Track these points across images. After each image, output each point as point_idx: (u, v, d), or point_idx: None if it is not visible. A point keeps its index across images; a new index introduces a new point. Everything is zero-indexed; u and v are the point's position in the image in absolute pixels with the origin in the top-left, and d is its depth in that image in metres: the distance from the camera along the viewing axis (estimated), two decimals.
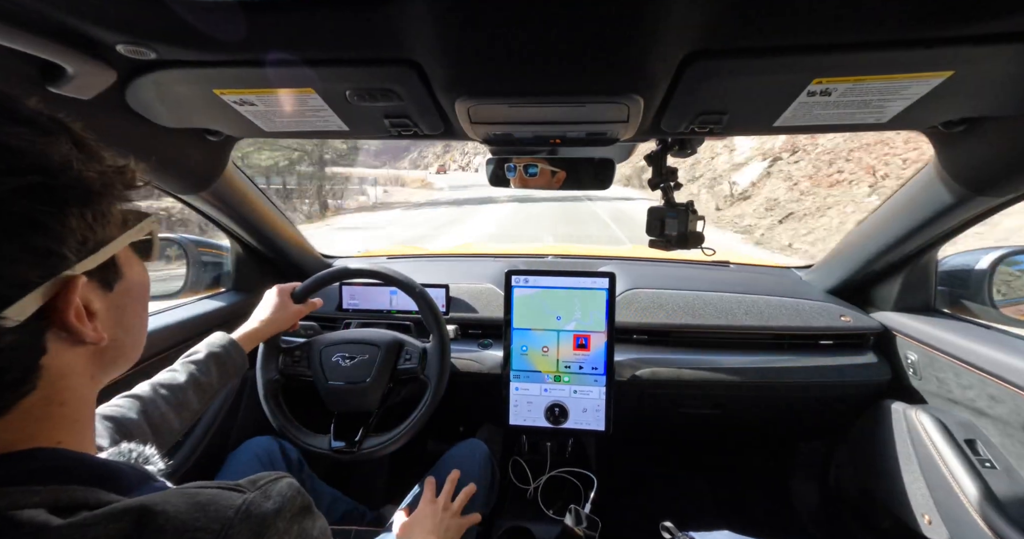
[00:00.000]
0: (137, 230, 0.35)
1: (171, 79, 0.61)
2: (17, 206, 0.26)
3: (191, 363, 0.72)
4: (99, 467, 0.31)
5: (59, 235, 0.28)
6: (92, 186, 0.30)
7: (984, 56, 0.48)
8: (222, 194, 1.03)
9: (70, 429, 0.32)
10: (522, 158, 0.96)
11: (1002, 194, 0.79)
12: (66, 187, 0.28)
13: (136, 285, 0.37)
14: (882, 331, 1.13)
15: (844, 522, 1.27)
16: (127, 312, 0.36)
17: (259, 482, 0.31)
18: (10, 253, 0.26)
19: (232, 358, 0.77)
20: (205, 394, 0.72)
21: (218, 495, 0.29)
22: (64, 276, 0.29)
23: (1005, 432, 0.86)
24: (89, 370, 0.33)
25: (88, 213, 0.30)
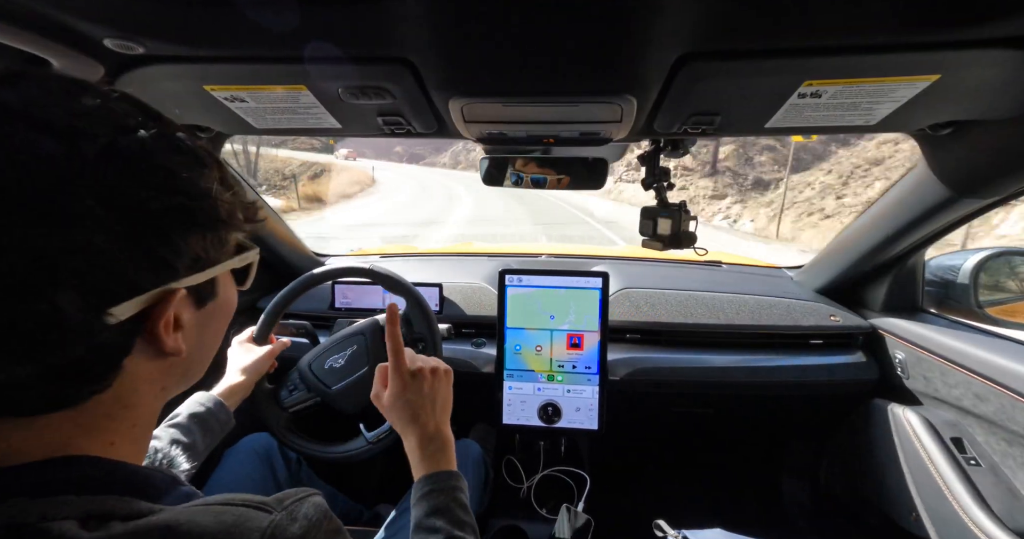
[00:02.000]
0: (241, 258, 0.37)
1: (160, 74, 0.60)
2: (156, 219, 0.29)
3: (172, 427, 0.70)
4: (132, 475, 0.31)
5: (179, 250, 0.31)
6: (221, 215, 0.33)
7: (970, 61, 0.49)
8: None
9: (128, 433, 0.33)
10: (516, 160, 0.96)
11: (987, 196, 0.80)
12: (200, 212, 0.31)
13: (224, 306, 0.39)
14: (871, 331, 1.14)
15: (833, 519, 1.29)
16: (209, 330, 0.38)
17: (286, 501, 0.31)
18: (135, 258, 0.28)
19: (215, 416, 0.75)
20: (189, 456, 0.68)
21: (244, 515, 0.29)
22: (168, 288, 0.31)
23: (990, 430, 0.88)
24: (161, 380, 0.35)
25: (209, 236, 0.33)
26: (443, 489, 0.55)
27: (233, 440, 0.96)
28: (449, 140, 0.87)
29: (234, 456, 0.92)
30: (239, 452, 0.92)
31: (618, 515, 1.33)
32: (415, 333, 0.94)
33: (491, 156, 0.98)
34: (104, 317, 0.27)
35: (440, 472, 0.57)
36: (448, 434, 0.61)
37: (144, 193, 0.28)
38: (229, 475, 0.88)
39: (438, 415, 0.61)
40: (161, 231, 0.29)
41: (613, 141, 0.84)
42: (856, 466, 1.18)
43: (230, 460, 0.91)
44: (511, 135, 0.81)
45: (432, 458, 0.58)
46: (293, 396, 0.92)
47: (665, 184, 0.95)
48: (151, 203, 0.28)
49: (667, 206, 0.95)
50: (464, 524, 0.53)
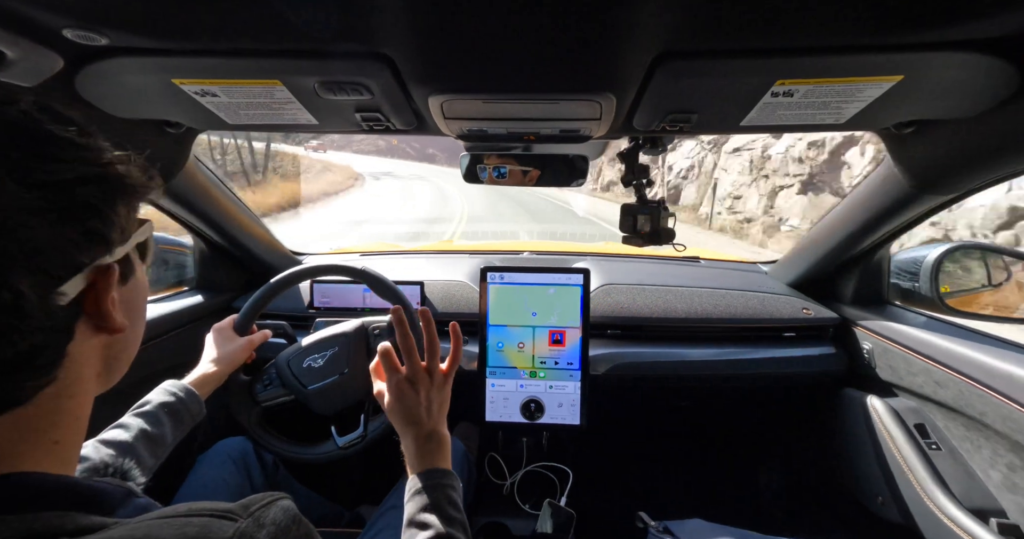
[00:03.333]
0: (142, 232, 0.37)
1: (125, 67, 0.57)
2: (83, 192, 0.29)
3: (140, 415, 0.67)
4: (79, 488, 0.30)
5: (110, 221, 0.31)
6: (132, 180, 0.33)
7: (931, 62, 0.51)
8: (183, 189, 0.98)
9: (71, 426, 0.32)
10: (491, 157, 0.96)
11: (947, 192, 0.84)
12: (115, 179, 0.31)
13: (141, 283, 0.38)
14: (840, 323, 1.18)
15: (807, 507, 1.33)
16: (135, 309, 0.37)
17: (252, 507, 0.30)
18: (70, 235, 0.28)
19: (187, 406, 0.72)
20: (158, 447, 0.66)
21: (208, 526, 0.27)
22: (104, 262, 0.31)
23: (949, 416, 0.93)
24: (97, 366, 0.34)
25: (127, 206, 0.33)
26: (435, 486, 0.55)
27: (207, 445, 0.94)
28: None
29: (208, 462, 0.89)
30: (213, 457, 0.89)
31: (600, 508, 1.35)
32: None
33: (472, 153, 0.97)
34: (56, 297, 0.27)
35: (434, 470, 0.57)
36: (444, 434, 0.62)
37: (52, 165, 0.28)
38: (202, 481, 0.85)
39: (435, 416, 0.62)
40: (87, 203, 0.29)
41: (593, 138, 0.85)
42: (827, 454, 1.22)
43: (204, 466, 0.88)
44: (492, 132, 0.81)
45: (427, 456, 0.58)
46: (268, 391, 0.90)
47: (644, 181, 0.96)
48: (64, 174, 0.28)
49: (646, 203, 0.97)
50: (454, 520, 0.53)
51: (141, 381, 0.99)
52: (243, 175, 16.21)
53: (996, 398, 0.79)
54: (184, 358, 1.09)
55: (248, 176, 16.22)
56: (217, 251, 1.23)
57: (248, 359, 0.89)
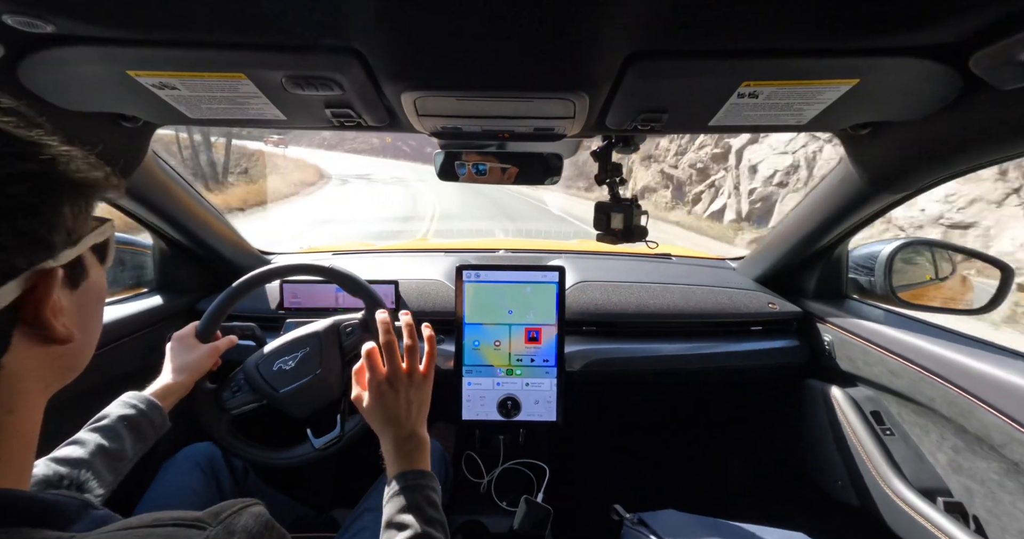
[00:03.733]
0: (99, 232, 0.34)
1: (75, 57, 0.54)
2: (14, 190, 0.26)
3: (97, 430, 0.63)
4: (31, 502, 0.28)
5: (51, 223, 0.28)
6: (82, 180, 0.30)
7: (884, 67, 0.54)
8: (141, 186, 0.93)
9: (14, 443, 0.29)
10: (471, 155, 0.95)
11: (899, 191, 0.89)
12: (61, 177, 0.29)
13: (97, 286, 0.35)
14: (803, 316, 1.24)
15: (773, 494, 1.39)
16: (89, 315, 0.35)
17: (222, 514, 0.29)
18: (6, 238, 0.26)
19: (148, 418, 0.68)
20: (118, 463, 0.63)
21: (174, 535, 0.26)
22: (46, 266, 0.28)
23: (902, 403, 0.98)
24: (44, 375, 0.31)
25: (75, 206, 0.30)
26: (415, 487, 0.55)
27: (171, 451, 0.90)
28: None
29: (173, 469, 0.84)
30: (178, 464, 0.85)
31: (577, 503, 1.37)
32: (373, 332, 0.92)
33: (446, 150, 0.96)
34: None
35: (413, 471, 0.57)
36: (424, 435, 0.62)
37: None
38: (167, 490, 0.81)
39: (414, 417, 0.62)
40: (25, 203, 0.27)
41: (567, 137, 0.85)
42: (792, 443, 1.28)
43: (168, 473, 0.84)
44: (466, 130, 0.80)
45: (406, 458, 0.58)
46: (237, 397, 0.87)
47: (617, 179, 0.98)
48: (7, 175, 0.26)
49: (620, 201, 0.98)
50: (434, 521, 0.53)
51: (97, 388, 0.94)
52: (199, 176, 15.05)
53: (943, 385, 0.84)
54: (143, 363, 1.05)
55: (206, 178, 15.10)
56: (179, 251, 1.18)
57: (214, 366, 0.85)
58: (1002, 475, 0.76)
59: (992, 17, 0.45)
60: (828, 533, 1.11)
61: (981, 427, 0.77)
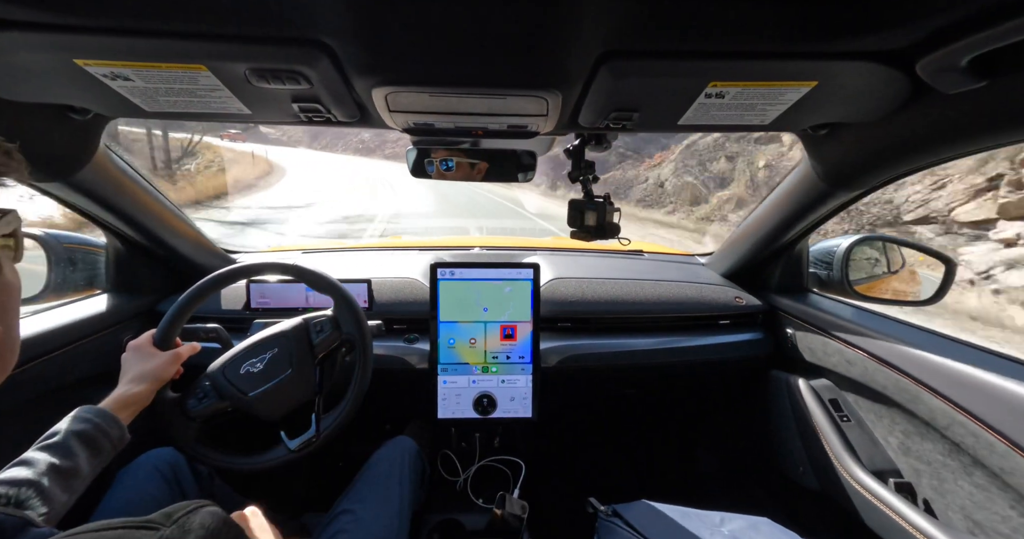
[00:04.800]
0: (5, 223, 0.32)
1: (17, 44, 0.51)
2: None
3: (47, 449, 0.59)
4: None
5: None
6: None
7: (841, 70, 0.57)
8: (92, 182, 0.88)
9: None
10: (439, 152, 0.94)
11: (856, 189, 0.93)
12: None
13: (10, 283, 0.34)
14: (768, 310, 1.29)
15: (741, 482, 1.44)
16: (6, 311, 0.33)
17: (175, 515, 0.28)
18: None
19: (105, 432, 0.65)
20: (72, 480, 0.59)
21: (124, 537, 0.25)
22: None
23: (857, 390, 1.04)
24: None
25: None
26: None
27: (128, 458, 0.85)
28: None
29: (131, 476, 0.79)
30: (137, 471, 0.80)
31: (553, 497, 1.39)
32: (344, 334, 0.90)
33: (419, 147, 0.95)
34: None
35: None
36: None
37: None
38: (125, 499, 0.76)
39: None
40: None
41: (540, 134, 0.86)
42: (757, 432, 1.33)
43: (126, 480, 0.79)
44: (439, 126, 0.79)
45: None
46: (203, 404, 0.83)
47: (591, 177, 0.99)
48: None
49: (593, 199, 1.00)
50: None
51: (49, 396, 0.89)
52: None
53: (893, 373, 0.89)
54: (98, 369, 0.99)
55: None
56: (135, 250, 1.12)
57: (176, 374, 0.82)
58: (946, 456, 0.81)
59: (936, 24, 0.48)
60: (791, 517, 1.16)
61: (927, 411, 0.82)
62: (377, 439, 1.07)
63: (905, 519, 0.79)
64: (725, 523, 0.84)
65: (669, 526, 0.84)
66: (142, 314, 1.14)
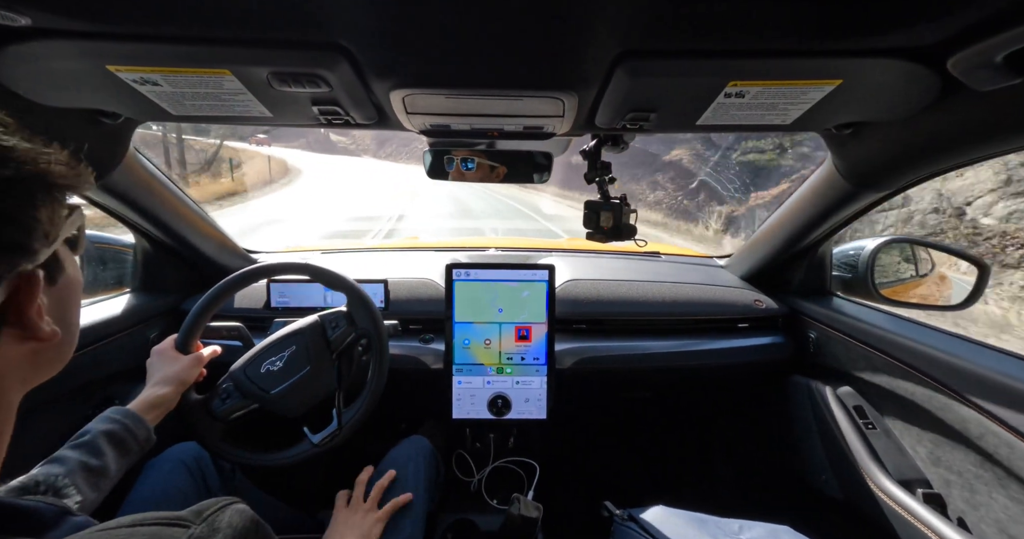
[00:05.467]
0: (71, 223, 0.33)
1: (53, 51, 0.53)
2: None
3: (78, 447, 0.61)
4: (4, 508, 0.27)
5: (29, 228, 0.28)
6: (54, 179, 0.30)
7: (866, 68, 0.55)
8: (122, 184, 0.91)
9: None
10: (456, 153, 0.95)
11: (882, 189, 0.90)
12: (33, 179, 0.28)
13: (74, 279, 0.35)
14: (788, 313, 1.26)
15: (759, 489, 1.41)
16: (68, 308, 0.35)
17: (205, 512, 0.28)
18: None
19: (132, 432, 0.66)
20: (100, 480, 0.61)
21: (157, 535, 0.26)
22: (26, 269, 0.28)
23: (883, 397, 1.00)
24: (23, 372, 0.31)
25: (49, 207, 0.30)
26: None
27: (156, 450, 0.88)
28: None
29: (157, 469, 0.82)
30: (163, 464, 0.83)
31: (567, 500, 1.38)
32: (358, 328, 0.91)
33: (435, 149, 0.96)
34: None
35: None
36: None
37: None
38: (152, 491, 0.79)
39: None
40: (4, 214, 0.27)
41: (556, 135, 0.85)
42: (777, 438, 1.30)
43: (153, 473, 0.82)
44: (456, 128, 0.80)
45: None
46: (227, 405, 0.85)
47: (607, 178, 0.98)
48: None
49: (609, 200, 0.99)
50: None
51: (80, 390, 0.92)
52: None
53: (923, 379, 0.86)
54: (126, 364, 1.02)
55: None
56: (162, 250, 1.16)
57: (199, 377, 0.83)
58: (979, 466, 0.78)
59: (969, 20, 0.46)
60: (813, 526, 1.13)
61: (959, 420, 0.79)
62: (392, 438, 1.08)
63: (935, 531, 0.76)
64: (744, 531, 0.82)
65: (686, 532, 0.82)
66: (167, 312, 1.17)
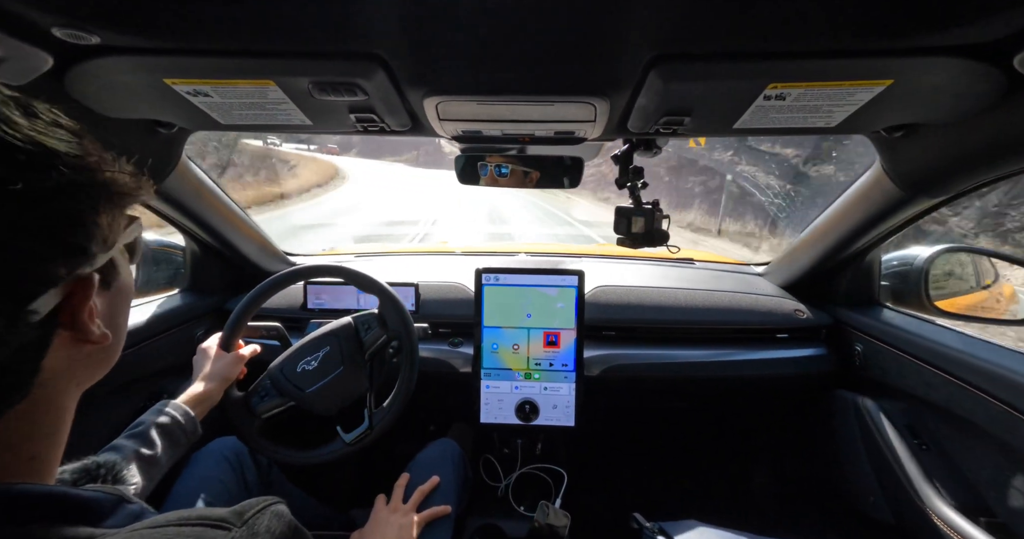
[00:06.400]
0: (129, 232, 0.35)
1: (117, 67, 0.57)
2: (59, 203, 0.27)
3: (133, 437, 0.66)
4: (65, 498, 0.28)
5: (90, 233, 0.29)
6: (118, 188, 0.31)
7: (920, 67, 0.52)
8: (175, 190, 0.97)
9: (48, 440, 0.31)
10: (492, 158, 0.96)
11: (937, 195, 0.85)
12: (99, 186, 0.29)
13: (127, 285, 0.37)
14: (832, 324, 1.19)
15: (799, 507, 1.34)
16: (119, 313, 0.36)
17: (246, 514, 0.29)
18: (43, 250, 0.26)
19: (181, 425, 0.71)
20: (152, 468, 0.65)
21: (201, 536, 0.27)
22: (83, 273, 0.29)
23: (939, 416, 0.94)
24: (77, 374, 0.33)
25: (110, 213, 0.31)
26: None
27: (201, 443, 0.93)
28: None
29: (202, 460, 0.88)
30: (207, 456, 0.89)
31: (595, 510, 1.35)
32: (390, 331, 0.93)
33: (467, 155, 0.97)
34: (27, 315, 0.26)
35: None
36: None
37: (31, 175, 0.26)
38: (196, 480, 0.84)
39: None
40: (69, 216, 0.28)
41: (588, 140, 0.85)
42: (819, 455, 1.23)
43: (198, 464, 0.87)
44: (487, 133, 0.81)
45: None
46: (265, 402, 0.89)
47: (639, 183, 0.97)
48: (43, 186, 0.26)
49: (641, 205, 0.97)
50: None
51: (133, 384, 0.98)
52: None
53: (985, 398, 0.80)
54: (174, 360, 1.08)
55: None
56: (209, 252, 1.22)
57: (240, 374, 0.88)
58: None
59: None
60: None
61: None
62: (421, 440, 1.09)
63: None
64: None
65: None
66: (212, 311, 1.23)
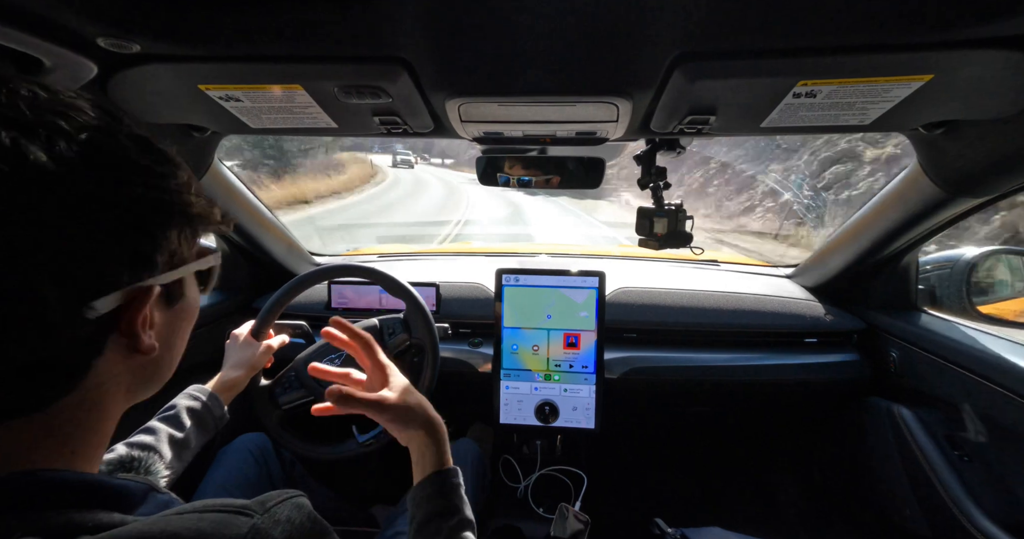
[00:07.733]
0: (205, 260, 0.39)
1: (155, 73, 0.59)
2: (133, 212, 0.30)
3: (165, 420, 0.70)
4: (100, 486, 0.30)
5: (158, 245, 0.32)
6: (195, 210, 0.34)
7: (963, 61, 0.50)
8: (208, 192, 1.01)
9: (89, 440, 0.32)
10: (514, 159, 0.96)
11: (981, 195, 0.81)
12: (176, 206, 0.33)
13: (190, 308, 0.40)
14: (865, 329, 1.15)
15: (827, 516, 1.30)
16: (176, 332, 0.39)
17: (268, 503, 0.31)
18: (117, 252, 0.29)
19: (210, 410, 0.74)
20: (183, 451, 0.68)
21: (223, 521, 0.28)
22: (146, 283, 0.31)
23: (981, 426, 0.89)
24: (127, 383, 0.34)
25: (184, 233, 0.34)
26: (445, 491, 0.55)
27: (228, 439, 0.96)
28: None
29: (229, 455, 0.91)
30: (234, 451, 0.92)
31: (616, 514, 1.34)
32: (413, 337, 0.94)
33: (488, 156, 0.97)
34: (85, 310, 0.28)
35: (444, 471, 0.56)
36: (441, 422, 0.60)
37: (123, 189, 0.29)
38: (224, 474, 0.88)
39: (428, 405, 0.60)
40: (141, 226, 0.30)
41: (610, 141, 0.84)
42: (850, 462, 1.19)
43: (225, 459, 0.91)
44: (508, 135, 0.81)
45: (438, 455, 0.57)
46: (288, 394, 0.92)
47: (661, 184, 0.95)
48: (129, 199, 0.29)
49: (663, 206, 0.96)
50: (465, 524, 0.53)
51: None
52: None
53: None
54: (205, 356, 1.12)
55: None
56: (238, 252, 1.26)
57: (267, 363, 0.91)
58: None
59: None
60: None
61: None
62: None
63: None
64: None
65: None
66: (240, 309, 1.27)
